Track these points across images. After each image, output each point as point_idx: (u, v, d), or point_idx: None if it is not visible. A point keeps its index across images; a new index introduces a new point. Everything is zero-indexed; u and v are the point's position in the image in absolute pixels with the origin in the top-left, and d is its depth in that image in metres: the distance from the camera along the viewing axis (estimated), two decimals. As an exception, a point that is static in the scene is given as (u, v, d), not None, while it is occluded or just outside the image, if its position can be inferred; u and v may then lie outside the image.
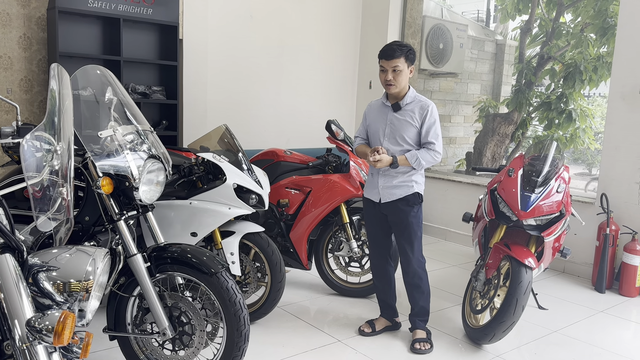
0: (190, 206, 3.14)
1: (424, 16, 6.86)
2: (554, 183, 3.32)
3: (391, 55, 3.04)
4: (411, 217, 3.17)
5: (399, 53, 3.04)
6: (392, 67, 3.05)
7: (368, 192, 3.33)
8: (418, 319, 3.31)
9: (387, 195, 3.20)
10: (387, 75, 3.08)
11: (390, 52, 3.05)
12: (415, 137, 3.14)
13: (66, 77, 1.96)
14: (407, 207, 3.17)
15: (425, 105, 3.14)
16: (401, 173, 3.16)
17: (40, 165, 1.71)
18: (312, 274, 4.41)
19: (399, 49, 3.05)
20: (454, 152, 8.89)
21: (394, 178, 3.18)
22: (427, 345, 3.19)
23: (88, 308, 1.65)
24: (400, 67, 3.05)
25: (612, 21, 6.94)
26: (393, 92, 3.13)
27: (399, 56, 3.04)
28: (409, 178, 3.17)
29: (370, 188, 3.31)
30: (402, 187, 3.17)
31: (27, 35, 4.45)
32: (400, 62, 3.05)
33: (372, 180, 3.30)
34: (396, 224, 3.23)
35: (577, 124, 7.62)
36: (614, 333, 3.57)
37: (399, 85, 3.09)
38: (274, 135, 5.90)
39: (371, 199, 3.30)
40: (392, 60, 3.04)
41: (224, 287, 2.43)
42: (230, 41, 5.45)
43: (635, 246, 4.22)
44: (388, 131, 3.18)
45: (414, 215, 3.18)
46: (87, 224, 2.55)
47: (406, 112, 3.14)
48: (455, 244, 5.76)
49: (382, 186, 3.21)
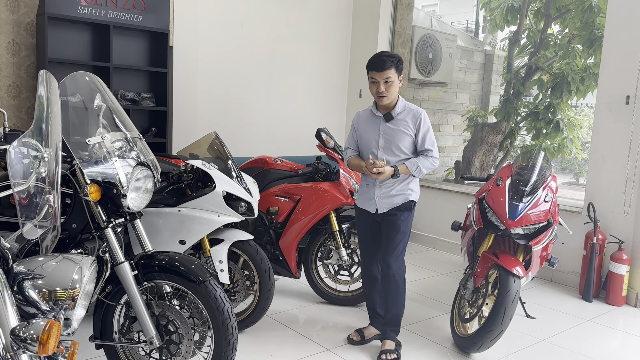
0: (178, 214, 3.12)
1: (414, 26, 6.91)
2: (542, 192, 3.35)
3: (382, 66, 3.01)
4: (401, 222, 3.15)
5: (390, 64, 3.02)
6: (384, 78, 3.03)
7: (363, 203, 3.28)
8: (389, 328, 3.25)
9: (384, 205, 3.17)
10: (379, 87, 3.04)
11: (381, 64, 3.02)
12: (410, 146, 3.13)
13: (54, 83, 1.95)
14: (399, 212, 3.16)
15: (417, 113, 3.13)
16: (398, 181, 3.15)
17: (27, 172, 1.70)
18: (301, 282, 4.39)
19: (389, 60, 3.02)
20: (443, 161, 8.94)
21: (391, 188, 3.15)
22: (394, 356, 3.13)
23: (74, 317, 1.64)
24: (392, 79, 3.04)
25: (599, 33, 7.05)
26: (385, 103, 3.11)
27: (390, 67, 3.02)
28: (406, 187, 3.17)
29: (365, 199, 3.26)
30: (399, 195, 3.15)
31: (16, 40, 4.43)
32: (391, 73, 3.03)
33: (367, 192, 3.25)
34: (387, 228, 3.20)
35: (564, 133, 7.71)
36: (601, 342, 3.59)
37: (390, 96, 3.08)
38: (264, 143, 5.90)
39: (366, 210, 3.26)
40: (383, 72, 3.02)
41: (212, 296, 2.42)
42: (220, 48, 5.45)
43: (621, 255, 4.25)
44: (382, 142, 3.15)
45: (404, 220, 3.17)
46: (74, 232, 2.53)
47: (399, 122, 3.12)
48: (444, 252, 5.77)
49: (379, 196, 3.18)
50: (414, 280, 4.72)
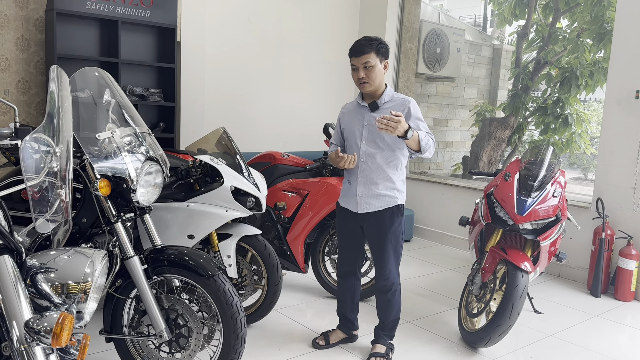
0: (187, 208, 3.14)
1: (422, 20, 6.89)
2: (550, 187, 3.34)
3: (360, 51, 2.81)
4: (391, 232, 2.94)
5: (369, 48, 2.81)
6: (363, 63, 2.81)
7: (344, 201, 3.06)
8: (383, 332, 3.13)
9: (365, 205, 2.95)
10: (359, 74, 2.83)
11: (359, 49, 2.82)
12: (396, 138, 2.81)
13: (65, 79, 1.97)
14: (387, 220, 2.93)
15: (406, 102, 2.89)
16: (384, 178, 2.92)
17: (39, 166, 1.72)
18: (308, 277, 4.41)
19: (369, 44, 2.82)
20: (451, 156, 8.92)
21: (375, 185, 2.92)
22: None
23: (86, 310, 1.65)
24: (372, 63, 2.81)
25: (609, 27, 7.00)
26: (368, 90, 2.89)
27: (369, 51, 2.80)
28: (392, 185, 2.93)
29: (347, 197, 3.04)
30: (383, 197, 2.93)
31: (25, 36, 4.45)
32: (371, 57, 2.81)
33: (349, 188, 3.02)
34: (374, 236, 2.99)
35: (573, 128, 7.67)
36: (609, 337, 3.58)
37: (373, 82, 2.85)
38: (272, 138, 5.91)
39: (348, 209, 3.04)
40: (362, 56, 2.81)
41: (221, 290, 2.43)
42: (228, 44, 5.46)
43: (630, 251, 4.24)
44: (366, 134, 2.92)
45: (395, 229, 2.95)
46: (85, 226, 2.55)
47: (385, 112, 2.84)
48: (451, 247, 5.77)
49: (361, 195, 2.95)
50: (422, 276, 4.72)
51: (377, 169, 2.93)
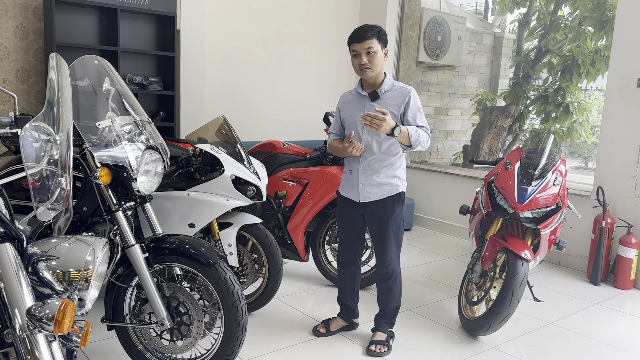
0: (188, 197, 3.14)
1: (422, 8, 6.84)
2: (551, 176, 3.34)
3: (363, 36, 2.83)
4: (393, 219, 2.97)
5: (371, 34, 2.83)
6: (366, 49, 2.83)
7: (345, 191, 3.08)
8: (383, 320, 3.15)
9: (368, 195, 2.98)
10: (361, 59, 2.85)
11: (361, 34, 2.83)
12: None
13: (65, 67, 1.96)
14: (389, 208, 2.97)
15: (406, 91, 2.91)
16: (385, 167, 2.95)
17: (39, 155, 1.71)
18: (309, 266, 4.42)
19: (371, 30, 2.84)
20: (451, 145, 8.90)
21: (377, 174, 2.95)
22: (384, 349, 3.03)
23: (88, 297, 1.66)
24: (375, 49, 2.83)
25: (610, 14, 6.95)
26: (369, 76, 2.90)
27: (372, 37, 2.83)
28: (393, 173, 2.96)
29: (348, 186, 3.06)
30: (385, 185, 2.95)
31: (24, 25, 4.42)
32: (373, 43, 2.83)
33: (350, 178, 3.04)
34: (376, 224, 3.02)
35: (574, 117, 7.64)
36: (609, 325, 3.60)
37: (375, 68, 2.86)
38: (272, 127, 5.89)
39: (349, 198, 3.06)
40: (364, 42, 2.82)
41: (222, 278, 2.44)
42: (227, 32, 5.42)
43: (630, 239, 4.24)
44: None
45: (396, 216, 2.98)
46: (85, 215, 2.55)
47: (386, 101, 2.90)
48: (452, 236, 5.78)
49: (363, 184, 2.98)
50: (422, 264, 4.74)
51: (378, 158, 2.96)
